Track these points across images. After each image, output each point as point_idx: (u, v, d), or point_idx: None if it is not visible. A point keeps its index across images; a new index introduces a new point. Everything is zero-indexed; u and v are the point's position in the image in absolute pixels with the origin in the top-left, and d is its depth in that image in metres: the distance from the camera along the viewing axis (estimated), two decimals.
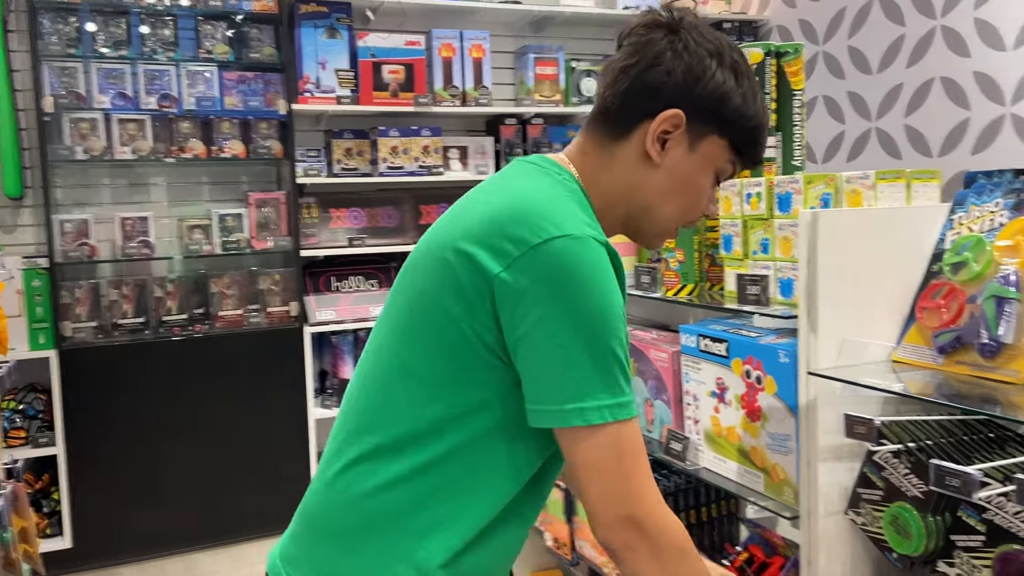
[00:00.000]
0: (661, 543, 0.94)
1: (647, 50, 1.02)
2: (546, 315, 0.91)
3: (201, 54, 3.43)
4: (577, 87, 4.17)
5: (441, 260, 0.97)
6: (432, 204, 4.02)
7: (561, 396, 0.92)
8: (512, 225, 0.93)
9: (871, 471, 1.24)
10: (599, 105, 1.06)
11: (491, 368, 0.96)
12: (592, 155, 1.06)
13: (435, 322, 0.96)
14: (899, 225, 1.30)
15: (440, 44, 3.85)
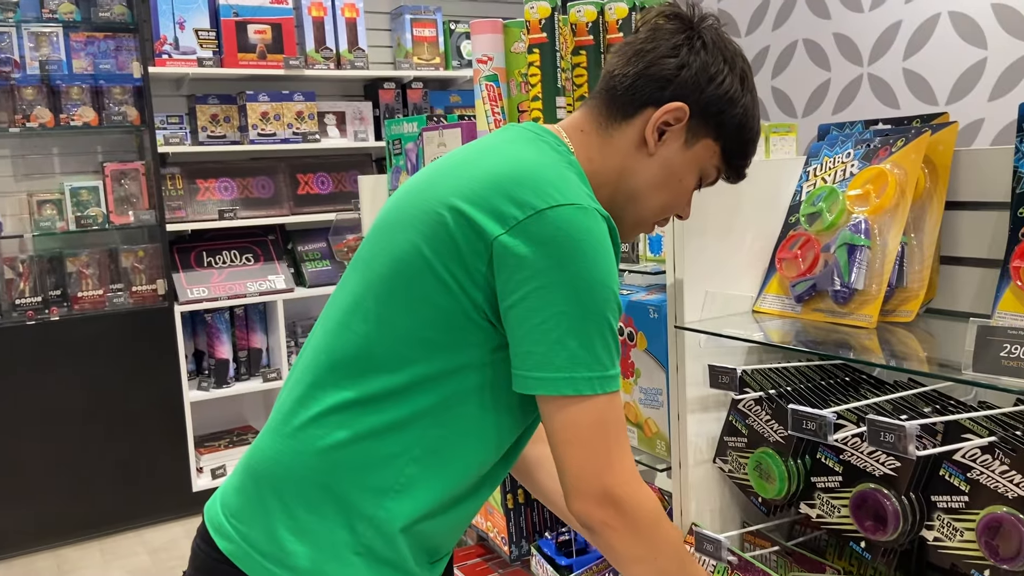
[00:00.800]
0: (637, 518, 0.96)
1: (665, 39, 1.03)
2: (547, 283, 0.90)
3: (45, 14, 3.15)
4: (457, 49, 4.09)
5: (432, 216, 0.95)
6: (310, 173, 3.87)
7: (554, 364, 0.92)
8: (517, 188, 0.93)
9: (736, 419, 1.27)
10: (605, 84, 1.06)
11: (477, 329, 0.95)
12: (590, 133, 1.06)
13: (421, 280, 0.95)
14: (758, 178, 1.32)
15: (310, 3, 3.68)
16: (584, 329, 0.91)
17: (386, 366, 0.96)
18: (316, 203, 3.85)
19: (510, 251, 0.91)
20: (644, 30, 1.05)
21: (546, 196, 0.92)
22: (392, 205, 1.04)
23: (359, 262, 1.04)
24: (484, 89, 1.75)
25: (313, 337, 1.06)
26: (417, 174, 1.07)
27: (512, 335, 0.94)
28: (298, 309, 3.95)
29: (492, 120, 1.75)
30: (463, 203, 0.94)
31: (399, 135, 2.26)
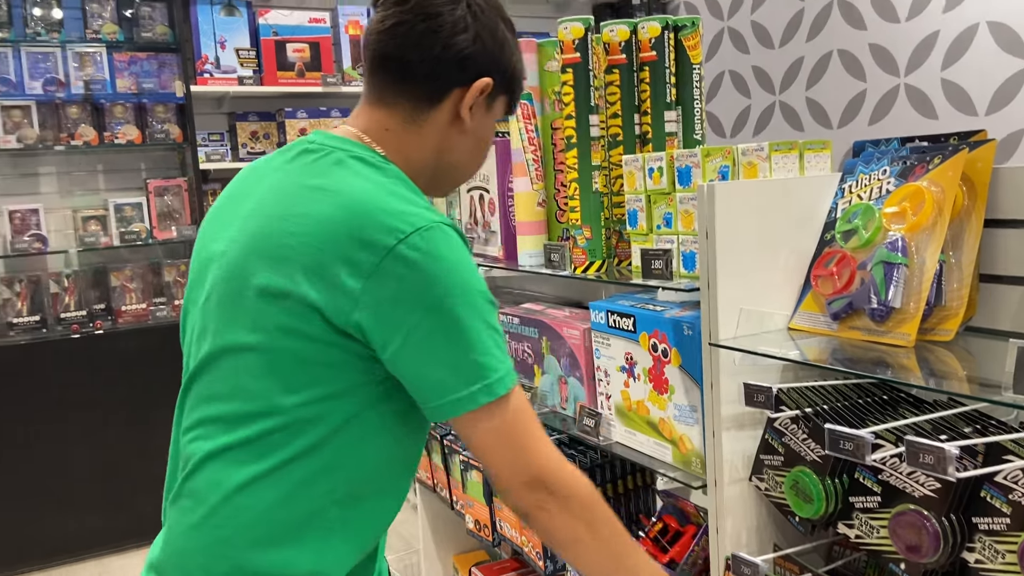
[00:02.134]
0: (570, 497, 0.97)
1: (445, 15, 1.01)
2: (423, 316, 0.90)
3: (89, 35, 3.25)
4: None
5: (282, 302, 0.92)
6: None
7: (465, 381, 0.92)
8: (359, 231, 0.90)
9: (772, 437, 1.26)
10: (397, 72, 1.02)
11: (361, 363, 0.95)
12: (397, 130, 1.04)
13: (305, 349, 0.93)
14: (793, 195, 1.32)
15: (347, 21, 3.74)
16: (472, 341, 0.92)
17: (268, 408, 0.96)
18: None
19: (375, 296, 0.89)
20: (414, 5, 1.01)
21: (391, 230, 0.90)
22: (220, 278, 1.00)
23: (206, 330, 1.01)
24: (518, 107, 1.77)
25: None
26: (221, 225, 1.03)
27: (409, 374, 0.94)
28: None
29: (526, 138, 1.77)
30: (309, 282, 0.91)
31: None
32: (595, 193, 1.61)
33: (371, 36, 1.04)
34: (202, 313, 1.02)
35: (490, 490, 1.98)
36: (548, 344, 1.79)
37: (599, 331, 1.61)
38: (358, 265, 0.89)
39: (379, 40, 1.03)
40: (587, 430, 1.63)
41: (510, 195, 1.89)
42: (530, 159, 1.78)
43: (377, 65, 1.04)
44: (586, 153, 1.60)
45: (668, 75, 1.59)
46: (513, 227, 1.88)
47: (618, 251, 1.67)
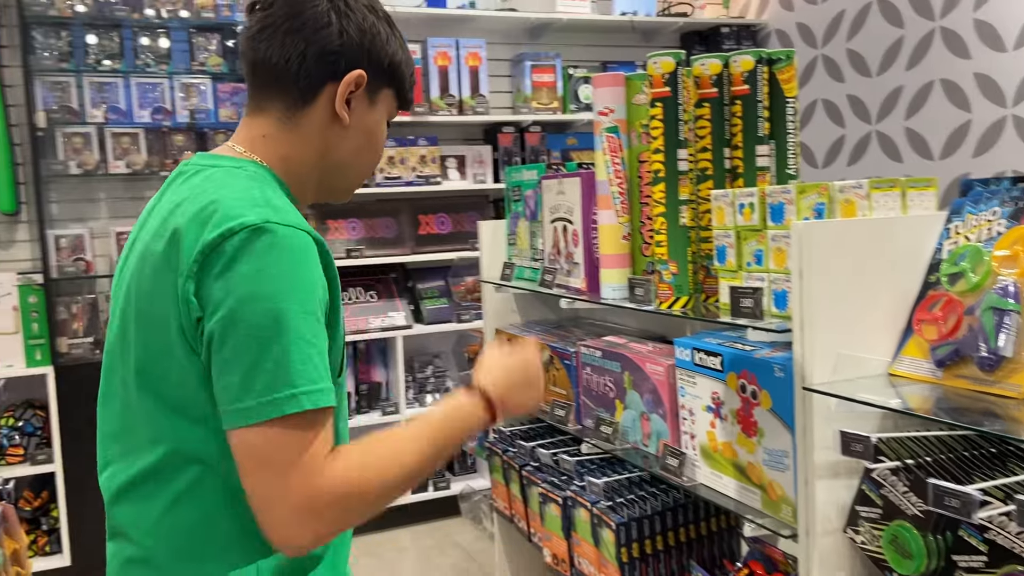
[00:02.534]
0: (348, 507, 0.91)
1: (308, 12, 1.01)
2: (231, 312, 0.88)
3: (194, 66, 3.42)
4: (575, 93, 4.15)
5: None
6: (431, 214, 4.00)
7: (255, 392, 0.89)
8: (196, 234, 0.91)
9: (869, 488, 1.20)
10: (268, 75, 1.02)
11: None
12: (274, 136, 1.04)
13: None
14: (894, 235, 1.27)
15: (436, 53, 3.83)
16: (286, 346, 0.87)
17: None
18: (436, 243, 3.96)
19: (204, 280, 0.89)
20: (279, 5, 1.01)
21: (218, 225, 0.89)
22: (118, 311, 1.01)
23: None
24: (605, 140, 1.77)
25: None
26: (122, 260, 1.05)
27: (217, 361, 0.90)
28: (416, 345, 4.05)
29: (612, 171, 1.76)
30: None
31: (519, 182, 2.31)
32: (682, 228, 1.58)
33: (242, 45, 1.05)
34: (110, 349, 1.04)
35: (569, 524, 1.95)
36: (631, 379, 1.77)
37: (684, 368, 1.57)
38: (191, 263, 0.90)
39: (249, 47, 1.03)
40: (670, 470, 1.59)
41: (594, 227, 1.88)
42: (615, 192, 1.77)
43: (250, 72, 1.05)
44: (673, 187, 1.58)
45: (761, 109, 1.55)
46: (596, 259, 1.87)
47: (705, 287, 1.64)
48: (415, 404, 3.88)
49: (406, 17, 3.76)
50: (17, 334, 3.17)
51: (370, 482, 0.92)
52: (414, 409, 3.86)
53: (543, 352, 2.10)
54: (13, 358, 3.17)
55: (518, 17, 3.96)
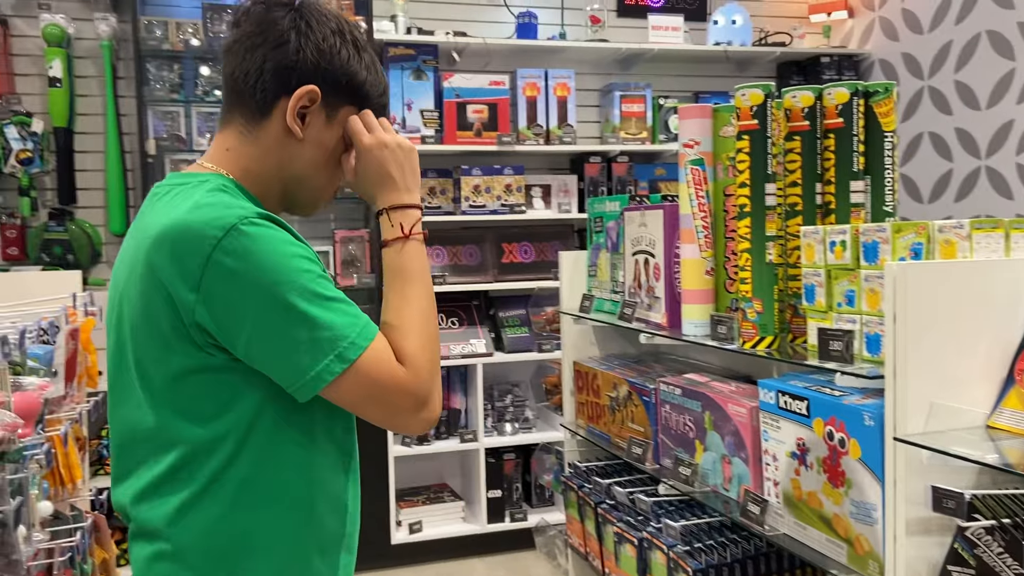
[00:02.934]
0: (435, 398, 1.05)
1: (271, 29, 1.06)
2: (256, 312, 0.96)
3: None
4: (665, 124, 4.11)
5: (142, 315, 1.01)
6: (514, 242, 4.01)
7: (313, 358, 0.97)
8: (175, 248, 0.97)
9: (962, 548, 1.12)
10: (232, 89, 1.08)
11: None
12: (236, 148, 1.09)
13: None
14: (996, 279, 1.19)
15: (525, 83, 3.87)
16: (305, 320, 0.96)
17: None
18: (518, 271, 3.97)
19: (209, 302, 0.96)
20: (248, 23, 1.07)
21: (203, 240, 0.95)
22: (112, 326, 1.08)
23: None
24: (689, 173, 1.73)
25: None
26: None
27: (264, 366, 0.99)
28: (496, 373, 4.05)
29: (696, 204, 1.73)
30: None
31: (601, 213, 2.29)
32: (768, 264, 1.53)
33: (223, 60, 1.10)
34: (111, 364, 1.10)
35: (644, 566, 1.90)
36: (711, 419, 1.71)
37: (768, 411, 1.51)
38: (186, 278, 0.96)
39: (223, 62, 1.10)
40: (751, 517, 1.53)
41: (676, 261, 1.85)
42: (699, 225, 1.73)
43: (223, 87, 1.11)
44: (760, 222, 1.53)
45: (856, 143, 1.49)
46: (678, 294, 1.83)
47: (792, 327, 1.58)
48: (493, 432, 3.88)
49: (496, 49, 3.82)
50: None
51: (431, 348, 1.06)
52: (492, 438, 3.85)
53: (621, 387, 2.07)
54: None
55: (609, 48, 3.96)
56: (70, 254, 3.32)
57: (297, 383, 0.98)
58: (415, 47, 3.70)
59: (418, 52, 3.71)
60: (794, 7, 4.52)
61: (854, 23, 4.37)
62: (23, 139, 3.17)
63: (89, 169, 3.51)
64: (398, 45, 3.68)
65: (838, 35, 4.46)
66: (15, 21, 3.39)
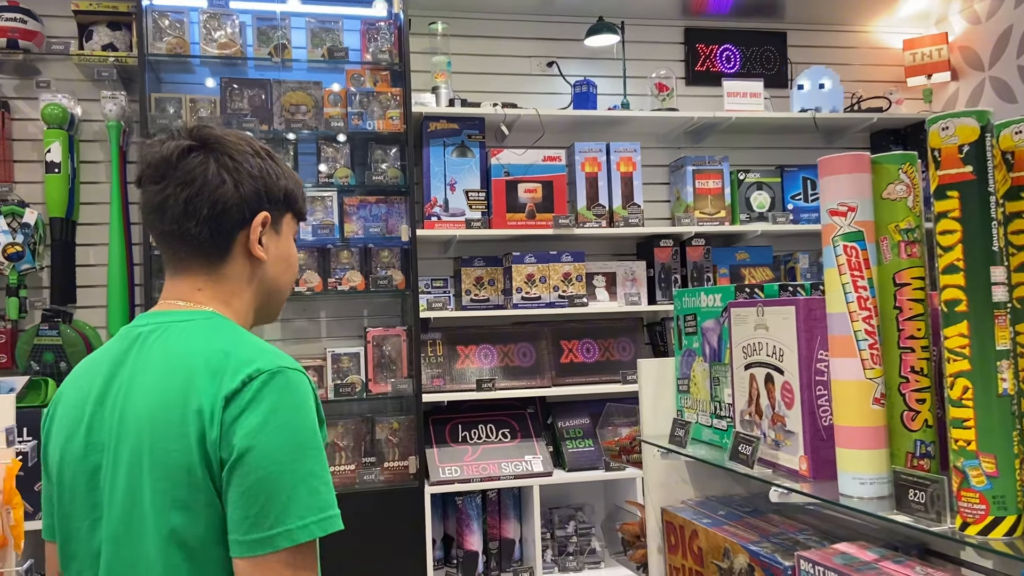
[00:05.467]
0: None
1: (199, 177, 1.07)
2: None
3: (321, 178, 3.13)
4: (746, 202, 3.57)
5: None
6: (574, 340, 3.46)
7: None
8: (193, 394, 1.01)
9: None
10: (180, 242, 1.09)
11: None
12: (209, 287, 1.12)
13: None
14: None
15: (583, 158, 3.39)
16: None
17: None
18: (579, 373, 3.41)
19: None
20: (171, 179, 1.07)
21: (240, 369, 1.01)
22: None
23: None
24: (841, 252, 1.17)
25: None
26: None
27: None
28: (556, 495, 3.44)
29: (854, 298, 1.16)
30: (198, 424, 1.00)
31: (694, 309, 1.73)
32: (1001, 397, 0.94)
33: (146, 217, 1.10)
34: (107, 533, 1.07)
35: None
36: None
37: None
38: (215, 411, 0.98)
39: (153, 219, 1.09)
40: None
41: (821, 381, 1.27)
42: (861, 331, 1.15)
43: (161, 241, 1.11)
44: (984, 328, 0.95)
45: None
46: (825, 429, 1.25)
47: None
48: (553, 568, 3.23)
49: (551, 121, 3.37)
50: None
51: None
52: (553, 574, 3.21)
53: (737, 556, 1.45)
54: None
55: (679, 118, 3.48)
56: (63, 361, 2.88)
57: (250, 535, 0.98)
58: (459, 121, 3.27)
59: (462, 126, 3.28)
60: (887, 71, 4.00)
61: (960, 86, 3.82)
62: (12, 232, 2.79)
63: (93, 264, 3.12)
64: (439, 119, 3.26)
65: (940, 99, 3.91)
66: (17, 103, 3.07)
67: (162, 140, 1.09)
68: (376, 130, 3.14)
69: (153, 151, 1.08)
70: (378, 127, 3.14)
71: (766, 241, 3.67)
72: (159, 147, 1.08)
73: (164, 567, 0.98)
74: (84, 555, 1.05)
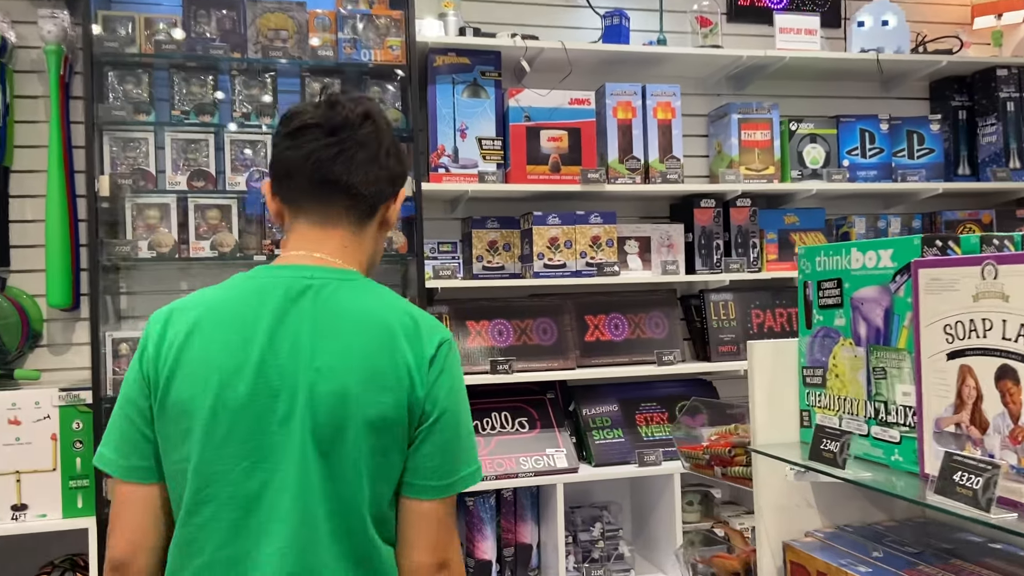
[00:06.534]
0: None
1: (372, 142, 1.16)
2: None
3: None
4: (798, 156, 3.10)
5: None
6: (601, 314, 2.99)
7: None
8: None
9: None
10: (346, 193, 1.16)
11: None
12: (351, 246, 1.19)
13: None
14: None
15: (615, 102, 2.89)
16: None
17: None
18: (606, 352, 2.94)
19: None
20: (363, 136, 1.15)
21: (433, 335, 1.18)
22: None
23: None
24: None
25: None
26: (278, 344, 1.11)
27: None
28: (577, 492, 2.98)
29: None
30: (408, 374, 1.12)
31: (835, 273, 1.26)
32: None
33: (317, 164, 1.14)
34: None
35: None
36: None
37: None
38: (419, 373, 1.12)
39: (328, 168, 1.14)
40: None
41: None
42: None
43: (319, 189, 1.15)
44: None
45: None
46: None
47: None
48: None
49: (579, 57, 2.86)
50: (55, 472, 2.34)
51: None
52: None
53: None
54: (49, 506, 2.33)
55: (723, 56, 2.98)
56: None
57: (439, 481, 1.13)
58: (470, 54, 2.76)
59: (474, 61, 2.77)
60: (950, 11, 3.54)
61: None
62: None
63: (31, 220, 2.59)
64: (447, 51, 2.74)
65: (1010, 43, 3.45)
66: None
67: (331, 103, 1.16)
68: (372, 62, 2.61)
69: (334, 112, 1.14)
70: (375, 58, 2.61)
71: (816, 202, 3.21)
72: (333, 110, 1.15)
73: (373, 509, 1.08)
74: (229, 497, 1.06)
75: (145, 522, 1.09)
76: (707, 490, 3.01)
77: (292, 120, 1.16)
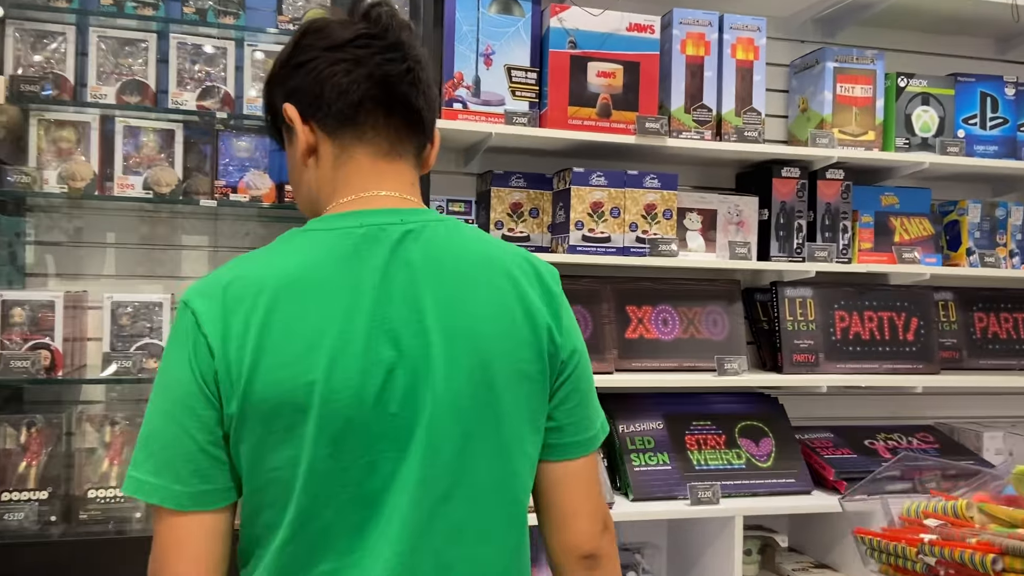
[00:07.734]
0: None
1: (425, 59, 1.04)
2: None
3: (282, 22, 1.97)
4: (906, 120, 2.47)
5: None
6: (647, 305, 2.37)
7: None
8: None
9: None
10: (411, 120, 1.03)
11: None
12: (416, 182, 1.07)
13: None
14: None
15: (684, 34, 2.26)
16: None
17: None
18: (652, 354, 2.32)
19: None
20: (410, 54, 1.01)
21: (550, 275, 1.08)
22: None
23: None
24: None
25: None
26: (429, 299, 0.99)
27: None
28: None
29: None
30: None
31: None
32: None
33: (377, 80, 0.99)
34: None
35: None
36: None
37: None
38: (547, 314, 1.05)
39: (393, 85, 1.00)
40: None
41: None
42: None
43: (389, 114, 1.01)
44: None
45: None
46: None
47: None
48: None
49: None
50: None
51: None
52: None
53: None
54: None
55: None
56: None
57: (588, 433, 1.06)
58: None
59: None
60: None
61: None
62: None
63: None
64: None
65: None
66: None
67: (366, 12, 1.00)
68: None
69: (380, 23, 0.99)
70: None
71: (916, 181, 2.58)
72: (378, 21, 0.99)
73: (526, 467, 1.01)
74: (352, 498, 0.93)
75: (216, 554, 0.92)
76: (769, 535, 2.39)
77: (334, 31, 0.98)
